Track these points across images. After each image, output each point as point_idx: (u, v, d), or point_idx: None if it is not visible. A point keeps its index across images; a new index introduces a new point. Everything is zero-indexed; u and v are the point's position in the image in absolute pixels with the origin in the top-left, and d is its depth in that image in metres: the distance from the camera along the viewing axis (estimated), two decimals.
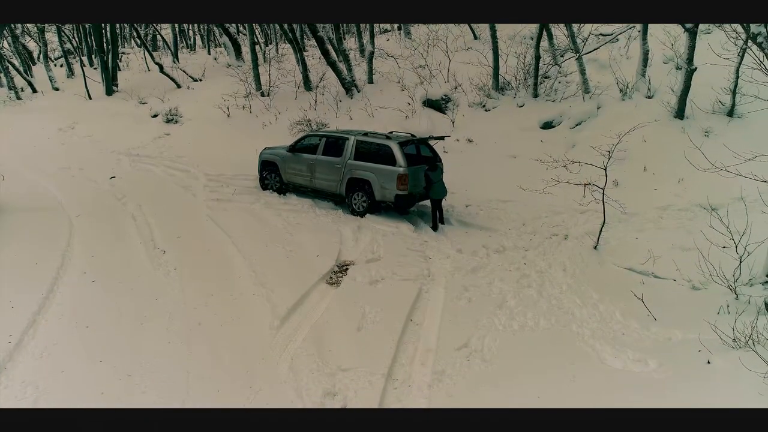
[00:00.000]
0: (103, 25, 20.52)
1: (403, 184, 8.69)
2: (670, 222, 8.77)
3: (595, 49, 11.12)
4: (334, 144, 9.60)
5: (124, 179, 11.71)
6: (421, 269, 6.81)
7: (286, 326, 5.34)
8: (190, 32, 34.31)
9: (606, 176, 7.71)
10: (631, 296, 6.49)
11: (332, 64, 15.56)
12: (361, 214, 9.12)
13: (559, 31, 14.84)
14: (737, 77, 10.49)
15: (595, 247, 7.94)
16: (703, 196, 9.18)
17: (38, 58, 26.82)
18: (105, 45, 19.95)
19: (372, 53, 16.49)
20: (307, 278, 6.42)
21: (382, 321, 5.41)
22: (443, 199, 8.94)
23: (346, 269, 6.92)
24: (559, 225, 8.91)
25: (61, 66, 25.48)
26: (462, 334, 5.24)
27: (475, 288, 6.35)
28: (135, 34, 24.36)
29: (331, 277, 6.67)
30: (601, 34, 11.71)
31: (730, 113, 10.76)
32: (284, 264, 6.89)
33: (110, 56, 19.99)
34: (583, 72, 12.56)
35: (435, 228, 8.61)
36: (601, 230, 7.86)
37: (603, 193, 7.64)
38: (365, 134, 9.44)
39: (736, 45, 10.30)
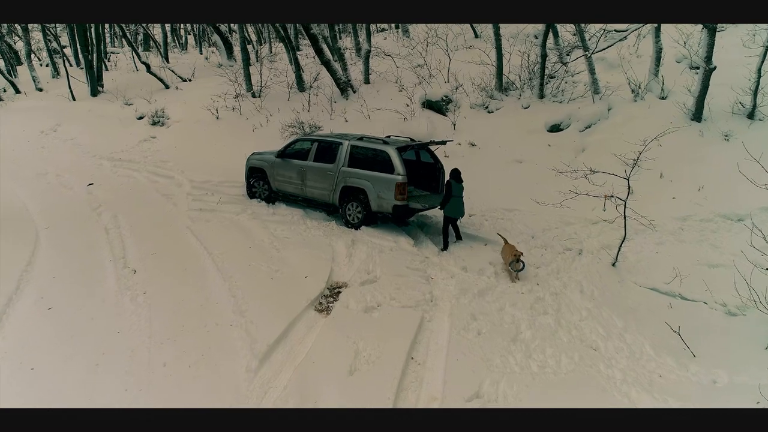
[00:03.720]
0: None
1: (401, 194, 7.93)
2: (692, 234, 8.07)
3: (608, 47, 10.38)
4: (326, 149, 8.83)
5: (103, 186, 10.90)
6: (422, 293, 6.04)
7: (265, 368, 4.56)
8: (182, 31, 33.46)
9: (629, 187, 6.96)
10: (658, 322, 5.80)
11: (326, 64, 14.79)
12: (356, 227, 8.35)
13: (565, 28, 14.14)
14: (759, 77, 9.80)
15: (614, 264, 7.21)
16: (726, 205, 8.48)
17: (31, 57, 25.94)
18: (89, 44, 19.09)
19: (368, 52, 15.75)
20: (293, 305, 5.65)
21: (377, 361, 4.63)
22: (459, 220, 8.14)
23: (338, 293, 6.15)
24: (572, 237, 8.18)
25: (47, 66, 24.60)
26: (472, 379, 4.46)
27: (484, 316, 5.58)
28: (120, 32, 23.45)
29: (320, 303, 5.90)
30: (615, 30, 10.96)
31: (751, 115, 10.09)
32: (268, 287, 6.12)
33: (95, 55, 19.15)
34: (592, 71, 11.84)
35: (445, 248, 7.76)
36: (620, 246, 7.12)
37: (625, 206, 6.89)
38: (360, 139, 8.66)
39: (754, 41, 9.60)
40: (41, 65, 25.67)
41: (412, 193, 8.45)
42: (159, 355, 4.74)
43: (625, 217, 6.94)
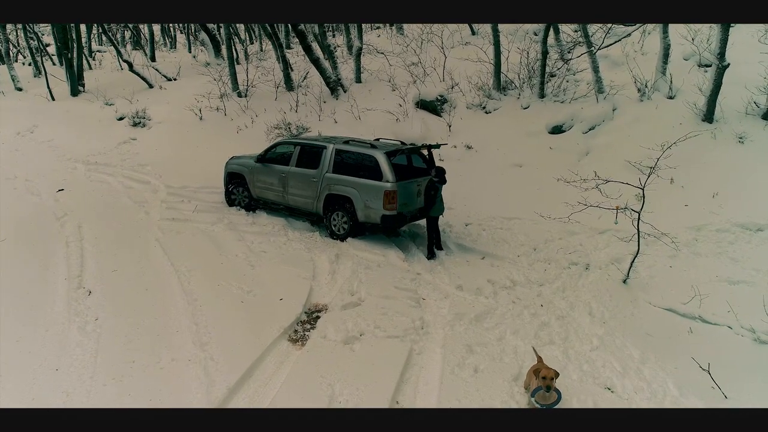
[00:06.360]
0: None
1: (391, 203, 7.22)
2: (708, 246, 7.39)
3: (613, 44, 9.70)
4: (309, 153, 8.11)
5: (73, 192, 10.15)
6: (411, 319, 5.32)
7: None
8: (171, 29, 32.63)
9: (643, 198, 6.27)
10: (678, 350, 5.14)
11: (315, 62, 14.07)
12: (342, 238, 7.64)
13: (567, 25, 13.46)
14: None
15: (625, 281, 6.52)
16: (743, 213, 7.81)
17: (12, 56, 25.06)
18: (69, 42, 18.27)
19: (360, 49, 15.05)
20: (264, 334, 4.93)
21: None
22: (440, 217, 7.50)
23: (317, 318, 5.43)
24: (577, 250, 7.49)
25: (30, 65, 23.77)
26: None
27: (482, 348, 4.87)
28: (101, 29, 22.61)
29: (295, 331, 5.18)
30: (625, 24, 10.29)
31: (766, 116, 9.42)
32: (237, 311, 5.40)
33: (75, 53, 18.36)
34: (596, 69, 11.14)
35: (431, 256, 7.12)
36: (633, 262, 6.44)
37: (639, 219, 6.19)
38: (346, 142, 7.94)
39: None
40: (24, 64, 24.81)
41: (402, 202, 7.76)
42: (98, 401, 4.01)
43: (639, 231, 6.24)
